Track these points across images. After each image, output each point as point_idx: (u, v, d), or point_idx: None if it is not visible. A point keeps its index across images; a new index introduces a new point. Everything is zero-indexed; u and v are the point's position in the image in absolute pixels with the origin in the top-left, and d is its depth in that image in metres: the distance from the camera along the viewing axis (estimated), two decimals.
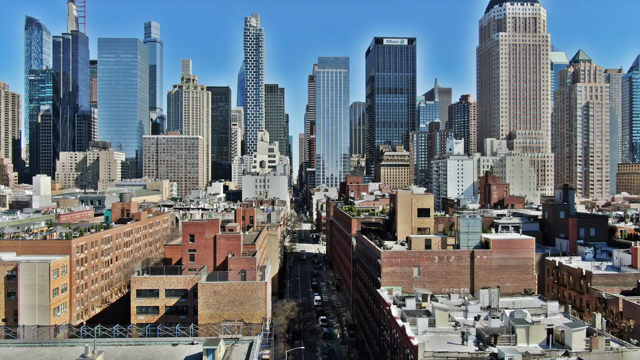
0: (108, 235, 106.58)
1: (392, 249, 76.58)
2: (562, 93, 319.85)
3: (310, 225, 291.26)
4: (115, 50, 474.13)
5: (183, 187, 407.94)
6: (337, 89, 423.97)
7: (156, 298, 78.80)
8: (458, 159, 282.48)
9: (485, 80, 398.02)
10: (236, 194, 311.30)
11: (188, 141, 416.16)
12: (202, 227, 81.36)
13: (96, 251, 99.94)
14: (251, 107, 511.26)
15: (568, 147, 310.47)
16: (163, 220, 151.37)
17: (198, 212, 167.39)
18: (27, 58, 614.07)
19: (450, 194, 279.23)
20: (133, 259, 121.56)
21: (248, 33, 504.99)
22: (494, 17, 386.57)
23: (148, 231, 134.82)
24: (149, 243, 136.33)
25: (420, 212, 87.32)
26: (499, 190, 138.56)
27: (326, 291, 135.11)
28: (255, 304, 75.14)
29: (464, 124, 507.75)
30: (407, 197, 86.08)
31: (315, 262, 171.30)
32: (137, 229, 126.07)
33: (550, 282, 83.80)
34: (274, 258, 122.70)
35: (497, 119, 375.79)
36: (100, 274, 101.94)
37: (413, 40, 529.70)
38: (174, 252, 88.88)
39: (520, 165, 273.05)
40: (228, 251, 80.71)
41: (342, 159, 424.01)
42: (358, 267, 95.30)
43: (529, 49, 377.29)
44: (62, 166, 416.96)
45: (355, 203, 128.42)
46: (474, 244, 72.50)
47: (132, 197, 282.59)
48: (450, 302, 65.61)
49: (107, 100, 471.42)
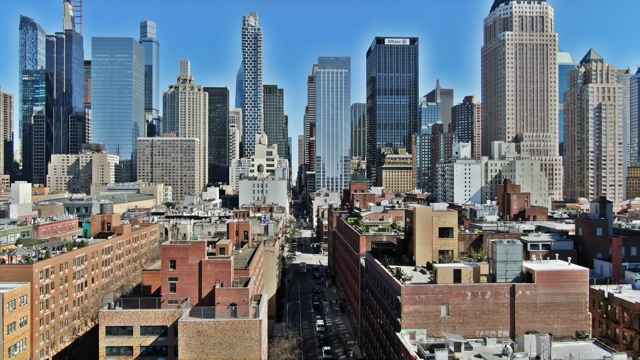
0: (82, 254, 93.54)
1: (413, 279, 63.81)
2: (572, 94, 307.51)
3: (311, 232, 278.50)
4: (109, 50, 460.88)
5: (179, 190, 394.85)
6: (338, 90, 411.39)
7: (130, 337, 66.18)
8: (465, 163, 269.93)
9: (491, 81, 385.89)
10: (233, 199, 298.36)
11: (184, 143, 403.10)
12: (184, 251, 68.52)
13: (66, 274, 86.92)
14: (249, 108, 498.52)
15: (579, 150, 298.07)
16: (150, 232, 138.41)
17: (189, 222, 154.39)
18: (22, 58, 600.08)
19: (457, 200, 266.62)
20: (113, 278, 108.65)
21: (246, 32, 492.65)
22: (499, 16, 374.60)
23: (132, 246, 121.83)
24: (134, 259, 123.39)
25: (442, 231, 74.63)
26: (519, 200, 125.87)
27: (329, 312, 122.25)
28: (247, 347, 62.32)
29: (467, 126, 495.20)
30: (426, 214, 73.31)
31: (317, 277, 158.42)
32: (119, 244, 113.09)
33: (597, 317, 70.97)
34: (272, 277, 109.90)
35: (503, 121, 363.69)
36: (71, 300, 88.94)
37: (415, 40, 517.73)
38: (153, 278, 76.00)
39: (530, 169, 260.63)
40: (216, 280, 67.92)
41: (342, 162, 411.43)
42: (368, 294, 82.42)
43: (536, 48, 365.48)
44: (53, 169, 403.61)
45: (362, 215, 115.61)
46: (513, 275, 59.67)
47: (124, 202, 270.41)
48: (486, 350, 52.75)
49: (101, 101, 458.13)
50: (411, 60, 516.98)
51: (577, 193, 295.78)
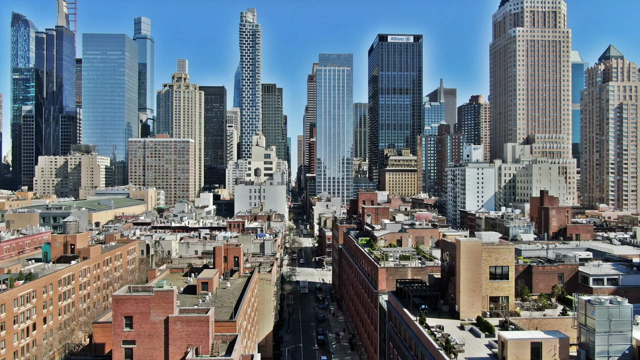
0: (27, 291, 74.40)
1: (465, 348, 44.99)
2: (591, 93, 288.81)
3: (311, 240, 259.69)
4: (101, 47, 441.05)
5: (172, 194, 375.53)
6: (340, 89, 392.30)
7: None
8: (478, 167, 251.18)
9: (500, 80, 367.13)
10: (229, 205, 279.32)
11: (178, 145, 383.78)
12: (145, 304, 49.53)
13: (2, 320, 67.92)
14: (247, 107, 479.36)
15: (598, 153, 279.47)
16: (128, 250, 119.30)
17: (175, 237, 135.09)
18: (14, 56, 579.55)
19: (469, 207, 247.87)
20: (76, 312, 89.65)
21: (244, 29, 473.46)
22: (510, 11, 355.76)
23: (102, 270, 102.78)
24: (105, 285, 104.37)
25: (494, 272, 55.88)
26: (559, 215, 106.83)
27: (336, 348, 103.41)
28: None
29: (474, 126, 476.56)
30: (474, 249, 54.44)
31: (320, 299, 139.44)
32: (84, 270, 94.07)
33: None
34: (268, 311, 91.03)
35: (513, 121, 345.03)
36: (11, 350, 69.92)
37: (419, 37, 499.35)
38: (107, 333, 57.01)
39: (548, 173, 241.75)
40: (188, 344, 49.04)
41: (345, 164, 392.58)
42: (392, 350, 63.49)
43: (548, 45, 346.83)
44: (41, 172, 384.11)
45: (376, 235, 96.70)
46: (618, 351, 40.87)
47: (110, 209, 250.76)
48: None
49: (92, 100, 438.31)
50: (415, 58, 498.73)
51: (596, 199, 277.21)
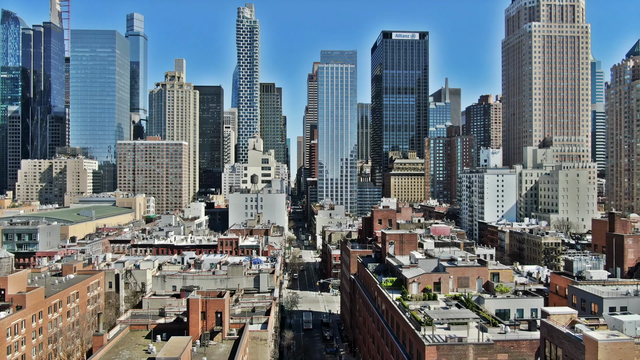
0: None
1: None
2: (618, 92, 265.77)
3: (314, 254, 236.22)
4: (90, 44, 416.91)
5: (164, 200, 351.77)
6: (343, 88, 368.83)
7: None
8: (497, 173, 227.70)
9: (514, 78, 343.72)
10: (223, 214, 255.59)
11: (170, 147, 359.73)
12: None
13: None
14: (245, 108, 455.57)
15: (627, 157, 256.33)
16: (89, 286, 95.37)
17: (152, 264, 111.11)
18: (3, 54, 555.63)
19: (488, 217, 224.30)
20: None
21: (241, 25, 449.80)
22: (524, 5, 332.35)
23: (47, 319, 78.96)
24: (51, 339, 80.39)
25: None
26: (636, 245, 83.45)
27: None
28: None
29: (483, 128, 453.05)
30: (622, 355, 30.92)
31: (327, 338, 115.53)
32: (15, 326, 70.29)
33: None
34: None
35: (529, 122, 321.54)
36: None
37: (425, 34, 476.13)
38: None
39: (576, 181, 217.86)
40: None
41: (348, 167, 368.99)
42: None
43: (566, 41, 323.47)
44: (23, 176, 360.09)
45: (406, 276, 72.96)
46: None
47: (91, 220, 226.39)
48: None
49: (80, 100, 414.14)
50: (420, 56, 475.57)
51: (624, 207, 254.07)
